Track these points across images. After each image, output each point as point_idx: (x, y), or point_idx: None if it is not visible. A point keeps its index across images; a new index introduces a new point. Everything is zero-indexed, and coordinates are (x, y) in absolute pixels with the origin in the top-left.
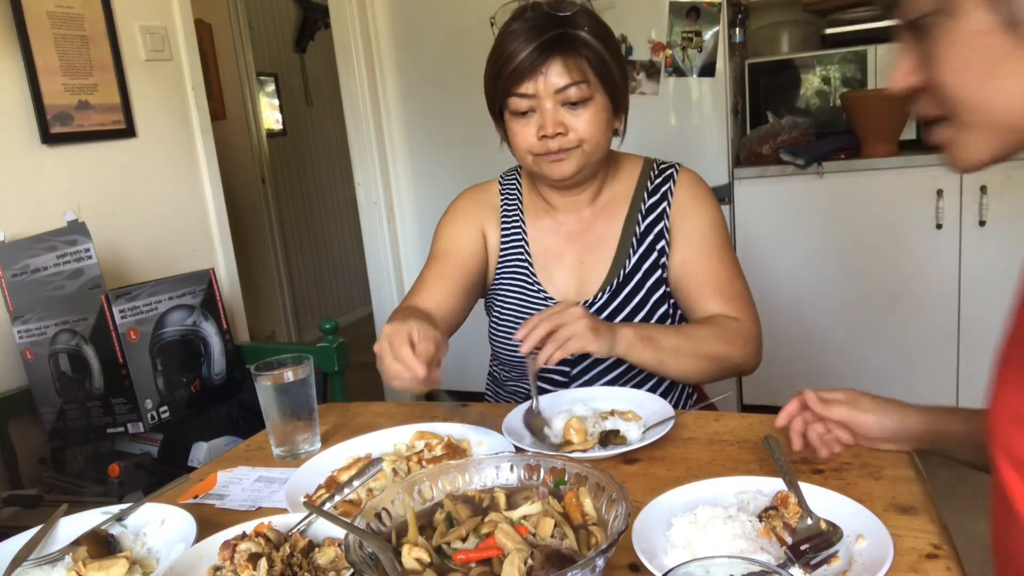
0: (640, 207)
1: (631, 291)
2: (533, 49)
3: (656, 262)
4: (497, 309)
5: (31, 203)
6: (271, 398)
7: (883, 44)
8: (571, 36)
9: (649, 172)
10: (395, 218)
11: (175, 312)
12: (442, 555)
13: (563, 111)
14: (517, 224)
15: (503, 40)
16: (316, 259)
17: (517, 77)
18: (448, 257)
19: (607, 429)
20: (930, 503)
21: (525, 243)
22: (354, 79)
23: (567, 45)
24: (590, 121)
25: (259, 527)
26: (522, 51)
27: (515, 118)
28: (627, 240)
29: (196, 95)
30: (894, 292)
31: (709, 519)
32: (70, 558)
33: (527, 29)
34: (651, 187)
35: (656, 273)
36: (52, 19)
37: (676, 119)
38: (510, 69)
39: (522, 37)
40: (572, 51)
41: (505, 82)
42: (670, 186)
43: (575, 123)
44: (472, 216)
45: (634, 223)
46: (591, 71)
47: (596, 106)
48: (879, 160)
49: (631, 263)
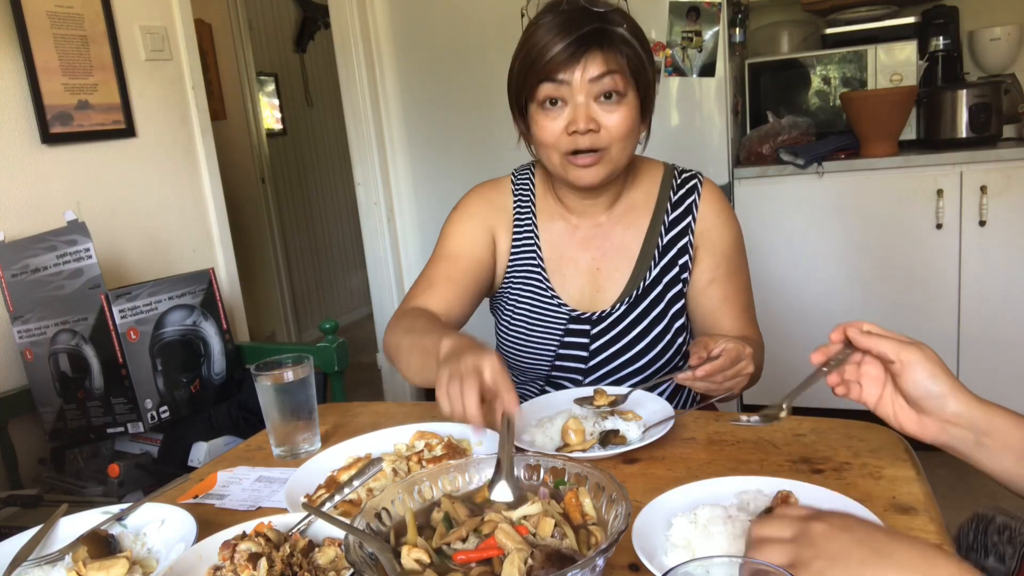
0: (663, 218)
1: (650, 304)
2: (572, 41)
3: (677, 276)
4: (507, 313)
5: (31, 203)
6: (271, 398)
7: (883, 44)
8: (610, 32)
9: (671, 181)
10: (395, 218)
11: (175, 312)
12: (442, 556)
13: (595, 107)
14: (529, 227)
15: (537, 30)
16: (316, 259)
17: (553, 67)
18: (458, 260)
19: (607, 429)
20: (930, 503)
21: (537, 247)
22: (354, 79)
23: (606, 39)
24: (622, 120)
25: (259, 527)
26: (560, 41)
27: (543, 109)
28: (649, 251)
29: (196, 95)
30: (894, 292)
31: (709, 519)
32: (70, 558)
33: (563, 22)
34: (674, 198)
35: (676, 287)
36: (52, 19)
37: (676, 119)
38: (547, 58)
39: (558, 30)
40: (611, 46)
41: (539, 71)
42: (695, 199)
43: (607, 120)
44: (483, 218)
45: (656, 234)
46: (628, 68)
47: (628, 105)
48: (879, 160)
49: (652, 275)
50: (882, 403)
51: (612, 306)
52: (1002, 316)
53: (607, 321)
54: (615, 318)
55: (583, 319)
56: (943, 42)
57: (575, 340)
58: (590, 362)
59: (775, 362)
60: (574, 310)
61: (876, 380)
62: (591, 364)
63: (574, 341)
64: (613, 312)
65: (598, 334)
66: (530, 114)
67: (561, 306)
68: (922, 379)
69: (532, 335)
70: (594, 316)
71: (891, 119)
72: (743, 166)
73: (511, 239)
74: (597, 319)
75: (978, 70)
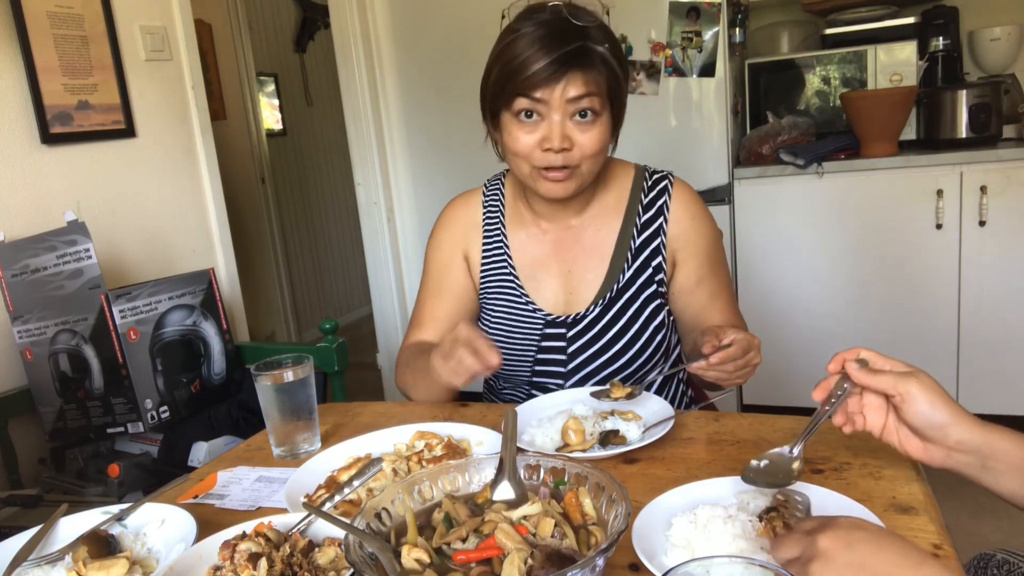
0: (635, 220)
1: (625, 304)
2: (554, 59)
3: (651, 277)
4: (485, 322)
5: (31, 203)
6: (271, 398)
7: (883, 44)
8: (591, 52)
9: (642, 183)
10: (395, 218)
11: (175, 312)
12: (442, 556)
13: (570, 125)
14: (499, 237)
15: (517, 41)
16: (316, 259)
17: (532, 84)
18: (445, 290)
19: (607, 429)
20: (930, 503)
21: (508, 256)
22: (354, 79)
23: (587, 59)
24: (595, 139)
25: (259, 527)
26: (542, 58)
27: (517, 121)
28: (622, 253)
29: (196, 95)
30: (894, 292)
31: (709, 519)
32: (70, 558)
33: (545, 35)
34: (645, 200)
35: (650, 288)
36: (52, 19)
37: (676, 119)
38: (527, 74)
39: (540, 44)
40: (592, 66)
41: (518, 85)
42: (666, 200)
43: (581, 139)
44: (454, 241)
45: (629, 237)
46: (606, 90)
47: (602, 124)
48: (879, 160)
49: (625, 277)
50: (887, 432)
51: (587, 308)
52: (1002, 316)
53: (583, 323)
54: (590, 320)
55: (558, 323)
56: (943, 42)
57: (552, 344)
58: (569, 365)
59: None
60: (549, 314)
61: (879, 409)
62: (570, 367)
63: (552, 345)
64: (588, 314)
65: (574, 336)
66: (502, 121)
67: (536, 311)
68: (923, 410)
69: (511, 342)
70: (569, 319)
71: (891, 119)
72: (743, 166)
73: (481, 252)
74: (572, 322)
75: (978, 70)
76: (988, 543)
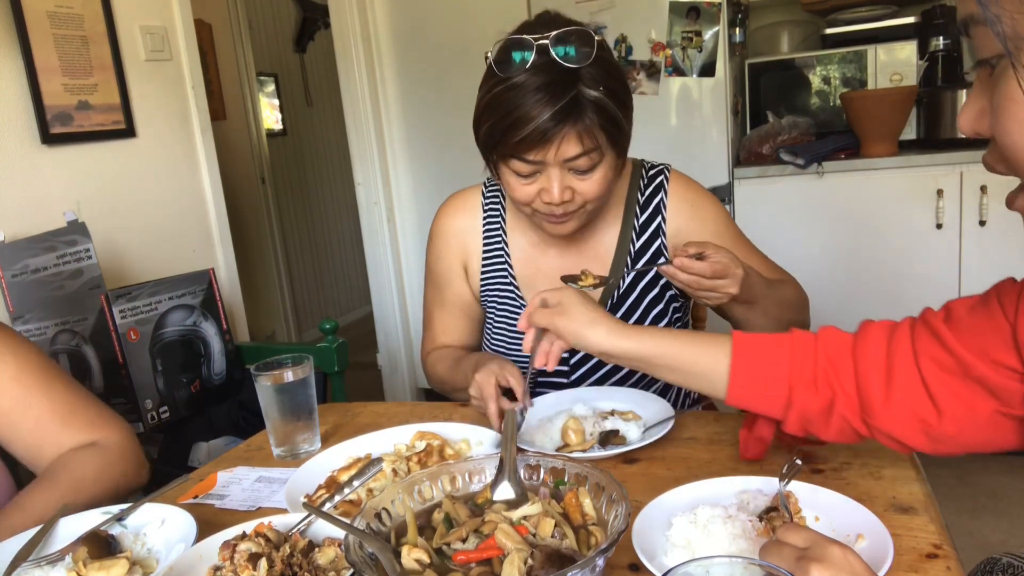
0: (634, 222)
1: (628, 308)
2: (546, 119)
3: (653, 280)
4: (489, 332)
5: (31, 203)
6: (271, 398)
7: (883, 44)
8: (584, 103)
9: (639, 180)
10: (395, 218)
11: (175, 312)
12: (442, 556)
13: (570, 176)
14: (499, 244)
15: (506, 94)
16: (316, 259)
17: (526, 147)
18: (449, 301)
19: (607, 429)
20: (930, 503)
21: (509, 265)
22: (354, 79)
23: (579, 113)
24: (596, 184)
25: (259, 527)
26: (531, 120)
27: (514, 174)
28: (621, 258)
29: (196, 95)
30: (894, 292)
31: (709, 519)
32: (70, 558)
33: (537, 88)
34: (642, 199)
35: (653, 291)
36: (52, 19)
37: (676, 119)
38: (518, 137)
39: (531, 100)
40: (586, 118)
41: (511, 148)
42: (662, 198)
43: (582, 187)
44: (454, 253)
45: (628, 241)
46: (603, 137)
47: (604, 167)
48: (879, 160)
49: (626, 283)
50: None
51: None
52: None
53: None
54: None
55: None
56: (943, 42)
57: None
58: (572, 376)
59: None
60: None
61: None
62: (573, 378)
63: None
64: None
65: None
66: (499, 169)
67: None
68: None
69: (513, 349)
70: None
71: (891, 119)
72: (743, 166)
73: (481, 260)
74: None
75: None
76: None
